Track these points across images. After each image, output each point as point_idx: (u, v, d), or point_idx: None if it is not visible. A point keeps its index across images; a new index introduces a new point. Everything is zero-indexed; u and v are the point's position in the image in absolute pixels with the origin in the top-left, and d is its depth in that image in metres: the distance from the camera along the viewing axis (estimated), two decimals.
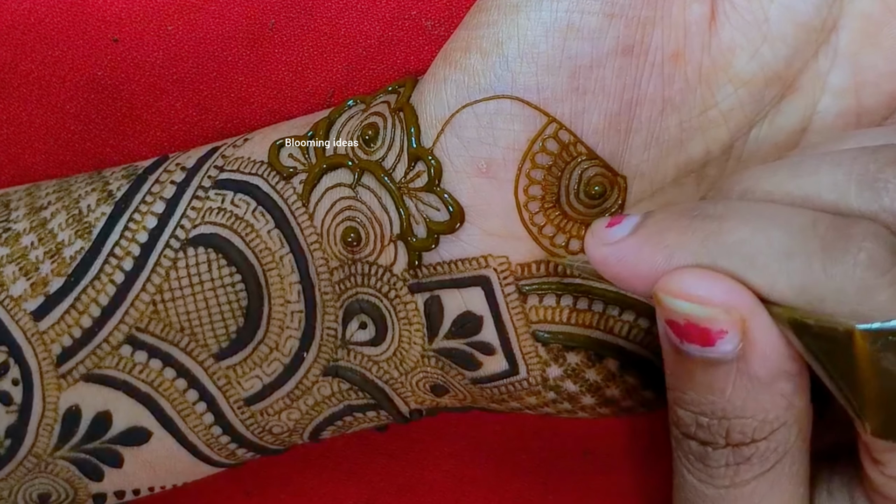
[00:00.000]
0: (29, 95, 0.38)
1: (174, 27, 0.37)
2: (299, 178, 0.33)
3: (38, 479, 0.35)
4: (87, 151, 0.38)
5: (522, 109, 0.31)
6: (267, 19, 0.37)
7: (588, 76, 0.30)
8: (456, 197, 0.32)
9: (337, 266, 0.33)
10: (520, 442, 0.41)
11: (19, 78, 0.37)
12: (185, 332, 0.33)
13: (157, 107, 0.38)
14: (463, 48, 0.31)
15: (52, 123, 0.38)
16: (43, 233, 0.34)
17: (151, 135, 0.38)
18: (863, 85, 0.31)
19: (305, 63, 0.37)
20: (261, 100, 0.37)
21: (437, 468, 0.41)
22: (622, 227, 0.29)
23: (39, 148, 0.38)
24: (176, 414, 0.34)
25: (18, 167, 0.38)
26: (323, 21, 0.37)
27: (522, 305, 0.32)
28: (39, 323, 0.34)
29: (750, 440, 0.28)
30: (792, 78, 0.31)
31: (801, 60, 0.31)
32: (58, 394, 0.34)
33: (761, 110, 0.32)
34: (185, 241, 0.33)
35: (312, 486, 0.41)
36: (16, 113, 0.38)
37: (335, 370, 0.34)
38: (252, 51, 0.37)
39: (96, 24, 0.37)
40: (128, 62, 0.37)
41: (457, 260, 0.32)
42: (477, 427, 0.41)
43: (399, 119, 0.32)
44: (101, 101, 0.38)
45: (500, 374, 0.33)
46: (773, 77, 0.31)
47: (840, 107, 0.31)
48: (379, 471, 0.41)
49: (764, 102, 0.31)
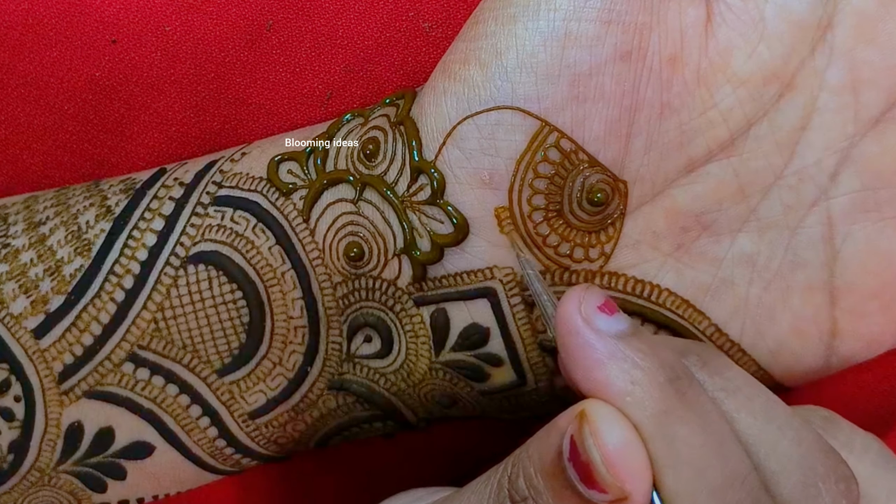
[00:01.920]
0: (27, 96, 0.38)
1: (172, 28, 0.37)
2: (299, 194, 0.33)
3: (41, 491, 0.35)
4: (85, 152, 0.38)
5: (524, 119, 0.31)
6: (265, 20, 0.37)
7: (587, 84, 0.31)
8: (460, 209, 0.32)
9: (340, 281, 0.33)
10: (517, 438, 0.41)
11: (17, 78, 0.37)
12: (188, 350, 0.33)
13: (154, 107, 0.38)
14: (461, 60, 0.31)
15: (50, 124, 0.38)
16: (42, 249, 0.34)
17: (149, 135, 0.38)
18: (860, 81, 0.31)
19: (303, 64, 0.37)
20: (258, 101, 0.37)
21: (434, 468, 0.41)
22: (610, 322, 0.28)
23: (37, 148, 0.38)
24: (180, 429, 0.34)
25: (16, 167, 0.38)
26: (321, 22, 0.37)
27: (529, 316, 0.32)
28: (40, 341, 0.34)
29: None
30: (790, 76, 0.32)
31: (798, 58, 0.31)
32: (60, 410, 0.34)
33: (760, 109, 0.32)
34: (185, 258, 0.33)
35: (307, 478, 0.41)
36: (14, 113, 0.38)
37: (340, 384, 0.34)
38: (250, 52, 0.37)
39: (94, 25, 0.37)
40: (125, 63, 0.37)
41: (462, 272, 0.32)
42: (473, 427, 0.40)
43: (400, 133, 0.32)
44: (98, 102, 0.38)
45: (508, 385, 0.33)
46: (770, 76, 0.31)
47: (838, 103, 0.32)
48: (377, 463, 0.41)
49: (763, 101, 0.32)
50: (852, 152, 0.32)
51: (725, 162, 0.32)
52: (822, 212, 0.32)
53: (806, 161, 0.32)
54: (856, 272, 0.32)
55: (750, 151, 0.32)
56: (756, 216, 0.32)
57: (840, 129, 0.32)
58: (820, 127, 0.32)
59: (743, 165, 0.32)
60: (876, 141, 0.32)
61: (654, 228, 0.32)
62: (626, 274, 0.32)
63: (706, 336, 0.32)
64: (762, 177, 0.32)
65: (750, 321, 0.32)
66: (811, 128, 0.32)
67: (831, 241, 0.32)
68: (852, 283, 0.32)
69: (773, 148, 0.32)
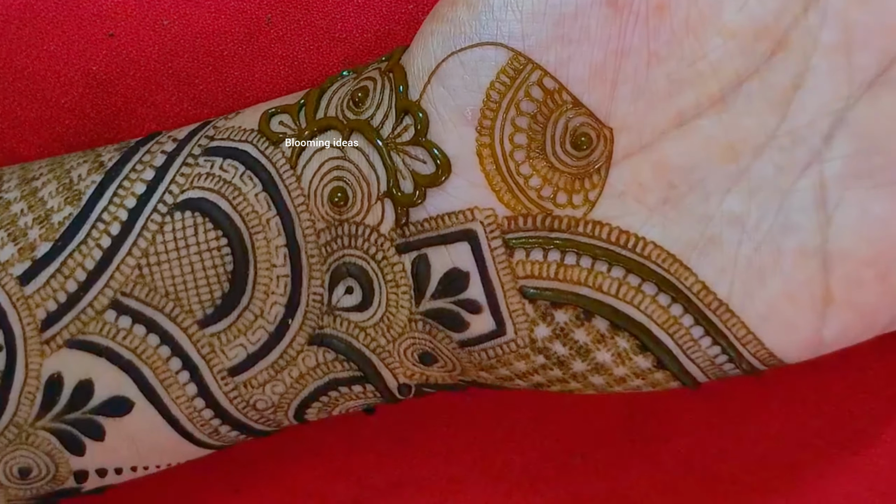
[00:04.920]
0: (24, 90, 0.38)
1: (169, 21, 0.37)
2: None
3: (18, 451, 0.34)
4: (82, 145, 0.38)
5: (507, 56, 0.31)
6: (263, 14, 0.37)
7: (573, 25, 0.31)
8: (443, 148, 0.32)
9: (323, 228, 0.33)
10: (511, 443, 0.41)
11: (14, 72, 0.37)
12: (170, 297, 0.33)
13: (152, 101, 0.38)
14: (450, 3, 0.32)
15: (47, 118, 0.38)
16: (33, 200, 0.34)
17: (146, 129, 0.38)
18: (853, 42, 0.31)
19: (302, 58, 0.37)
20: (257, 94, 0.37)
21: (427, 466, 0.41)
22: None
23: (34, 142, 0.38)
24: (158, 383, 0.34)
25: (13, 161, 0.38)
26: (319, 16, 0.37)
27: (509, 260, 0.32)
28: (25, 287, 0.34)
29: None
30: (782, 33, 0.32)
31: (791, 16, 0.31)
32: (40, 360, 0.34)
33: (752, 65, 0.32)
34: (172, 205, 0.33)
35: (301, 484, 0.41)
36: (10, 107, 0.38)
37: (321, 338, 0.34)
38: (248, 45, 0.37)
39: (91, 18, 0.37)
40: (123, 57, 0.37)
41: (444, 214, 0.32)
42: (468, 426, 0.40)
43: (388, 79, 0.33)
44: (95, 96, 0.38)
45: (487, 334, 0.33)
46: (762, 30, 0.31)
47: (832, 64, 0.31)
48: (368, 468, 0.41)
49: (755, 57, 0.31)
50: (847, 115, 0.32)
51: (716, 118, 0.32)
52: (815, 175, 0.32)
53: (799, 122, 0.32)
54: (850, 238, 0.32)
55: (741, 108, 0.32)
56: (747, 176, 0.32)
57: (834, 90, 0.32)
58: (813, 87, 0.32)
59: (734, 122, 0.32)
60: (870, 104, 0.32)
61: (641, 180, 0.32)
62: (610, 223, 0.32)
63: (693, 293, 0.32)
64: (754, 135, 0.32)
65: (739, 282, 0.32)
66: (804, 88, 0.32)
67: (824, 206, 0.32)
68: (846, 250, 0.32)
69: (764, 106, 0.32)
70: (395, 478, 0.41)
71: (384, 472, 0.41)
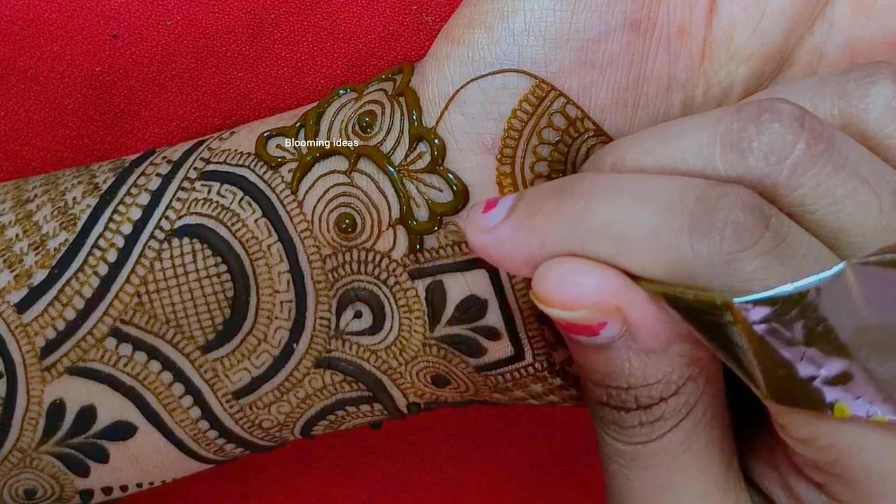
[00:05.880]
0: (27, 91, 0.37)
1: (173, 22, 0.37)
2: (288, 168, 0.33)
3: (23, 474, 0.34)
4: (86, 147, 0.38)
5: (530, 83, 0.31)
6: (267, 14, 0.37)
7: (596, 50, 0.30)
8: (460, 176, 0.31)
9: (330, 254, 0.33)
10: (517, 444, 0.40)
11: (17, 73, 0.37)
12: (171, 325, 0.33)
13: (155, 102, 0.38)
14: (466, 24, 0.31)
15: (51, 119, 0.38)
16: (28, 225, 0.34)
17: (150, 131, 0.38)
18: (858, 56, 0.31)
19: (306, 59, 0.37)
20: (261, 96, 0.37)
21: (434, 470, 0.41)
22: (497, 210, 0.29)
23: (37, 144, 0.38)
24: (162, 408, 0.34)
25: (16, 163, 0.38)
26: (323, 16, 0.37)
27: (527, 286, 0.32)
28: (23, 315, 0.33)
29: (658, 399, 0.29)
30: (789, 52, 0.31)
31: (798, 34, 0.31)
32: (42, 387, 0.33)
33: (760, 85, 0.32)
34: (169, 231, 0.33)
35: (309, 489, 0.41)
36: (14, 109, 0.38)
37: (328, 361, 0.33)
38: (252, 46, 0.37)
39: (95, 19, 0.37)
40: (126, 58, 0.37)
41: (460, 242, 0.32)
42: (474, 429, 0.40)
43: (399, 104, 0.32)
44: (99, 97, 0.37)
45: (505, 359, 0.33)
46: (773, 52, 0.31)
47: None
48: (375, 473, 0.41)
49: (763, 78, 0.31)
50: None
51: None
52: None
53: None
54: None
55: None
56: None
57: None
58: None
59: None
60: None
61: None
62: None
63: None
64: None
65: None
66: None
67: None
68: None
69: None
70: (402, 482, 0.41)
71: (391, 476, 0.41)
